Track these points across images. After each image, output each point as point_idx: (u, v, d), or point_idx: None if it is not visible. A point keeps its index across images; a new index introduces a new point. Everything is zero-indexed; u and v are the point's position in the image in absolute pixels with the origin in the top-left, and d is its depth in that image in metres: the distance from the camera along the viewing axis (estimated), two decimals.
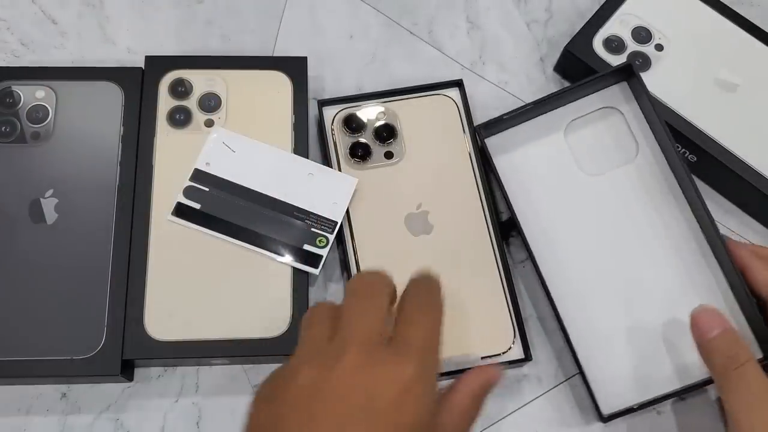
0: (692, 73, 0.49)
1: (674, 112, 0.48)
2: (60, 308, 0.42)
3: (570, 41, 0.50)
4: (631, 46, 0.50)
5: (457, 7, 0.55)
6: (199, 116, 0.47)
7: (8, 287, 0.42)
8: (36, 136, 0.45)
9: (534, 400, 0.45)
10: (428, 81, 0.49)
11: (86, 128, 0.46)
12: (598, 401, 0.42)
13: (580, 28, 0.50)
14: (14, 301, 0.42)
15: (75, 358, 0.41)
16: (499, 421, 0.44)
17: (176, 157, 0.45)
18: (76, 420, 0.43)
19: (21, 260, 0.43)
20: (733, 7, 0.51)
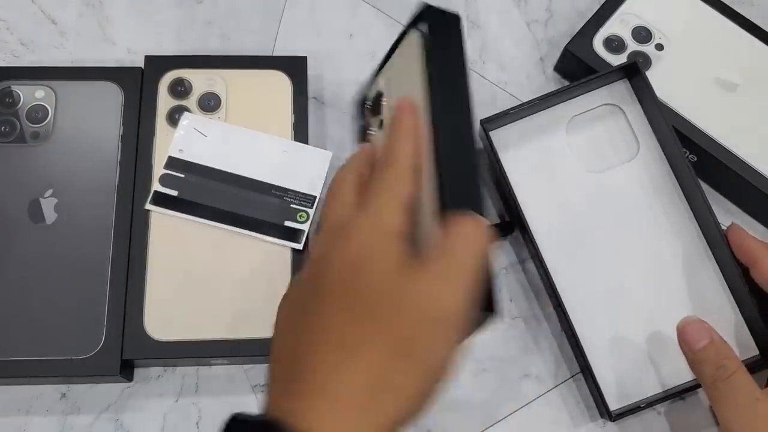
0: (692, 72, 0.49)
1: (674, 112, 0.48)
2: (60, 308, 0.42)
3: (570, 41, 0.50)
4: (631, 45, 0.50)
5: (457, 6, 0.55)
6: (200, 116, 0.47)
7: (8, 287, 0.42)
8: (36, 136, 0.45)
9: (535, 399, 0.45)
10: None
11: (86, 128, 0.46)
12: (606, 400, 0.42)
13: (580, 27, 0.50)
14: (14, 301, 0.42)
15: (75, 358, 0.41)
16: (500, 421, 0.44)
17: None
18: (76, 420, 0.43)
19: (20, 260, 0.43)
20: (734, 7, 0.51)
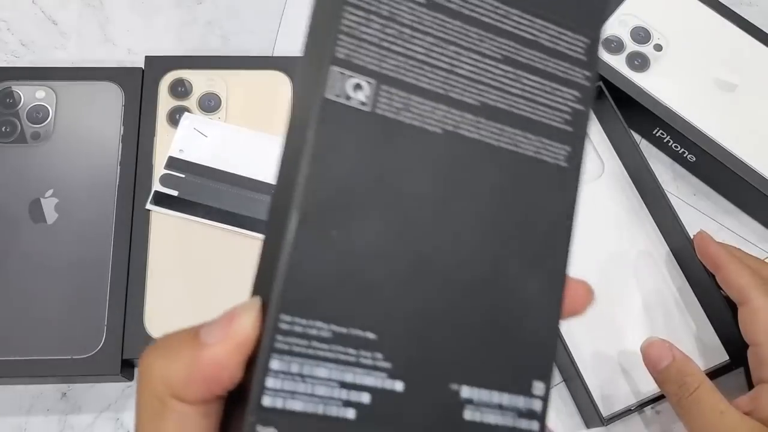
0: (691, 73, 0.49)
1: (673, 112, 0.48)
2: (60, 308, 0.42)
3: None
4: (630, 46, 0.50)
5: None
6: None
7: (8, 287, 0.42)
8: (36, 136, 0.45)
9: None
10: None
11: (86, 128, 0.46)
12: (597, 404, 0.42)
13: None
14: (14, 301, 0.42)
15: (75, 358, 0.41)
16: None
17: None
18: (76, 420, 0.43)
19: (21, 260, 0.43)
20: (732, 7, 0.51)
